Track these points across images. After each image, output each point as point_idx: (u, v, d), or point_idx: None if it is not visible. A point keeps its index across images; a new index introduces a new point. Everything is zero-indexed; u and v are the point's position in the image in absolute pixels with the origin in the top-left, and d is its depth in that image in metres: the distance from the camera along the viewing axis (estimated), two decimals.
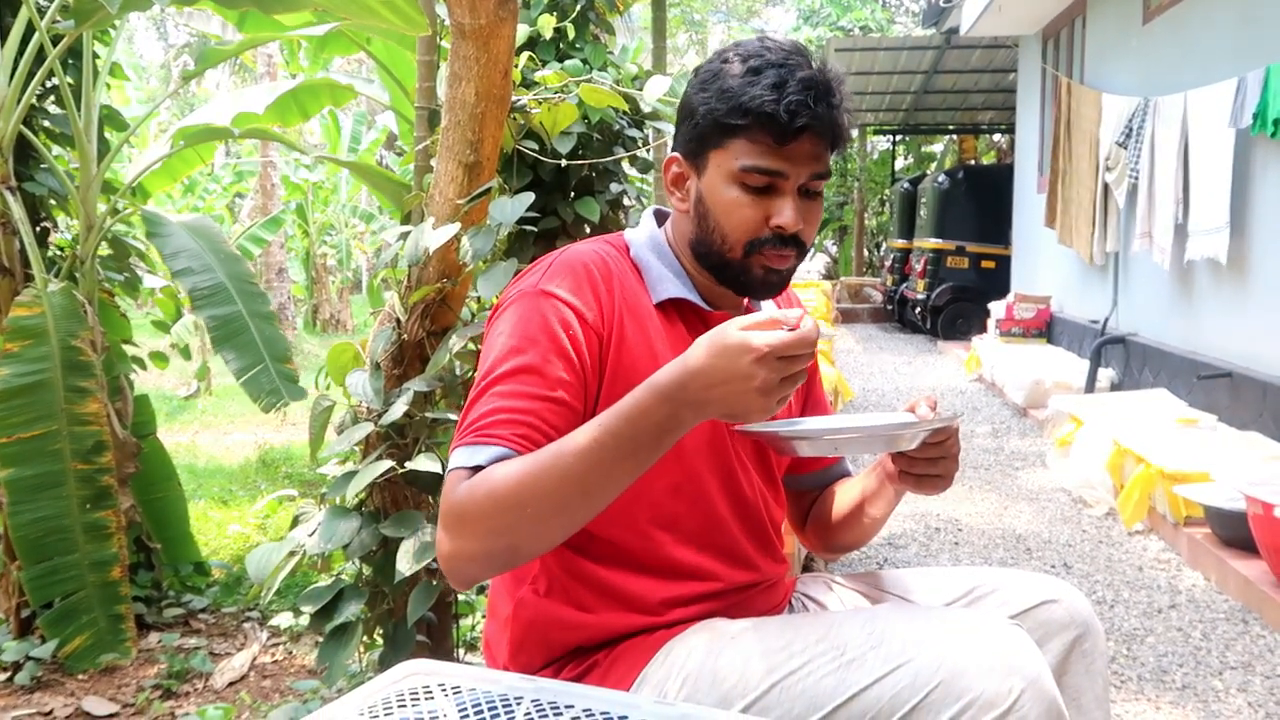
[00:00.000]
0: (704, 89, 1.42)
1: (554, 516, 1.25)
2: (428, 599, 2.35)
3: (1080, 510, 5.19)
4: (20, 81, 3.39)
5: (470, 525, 1.26)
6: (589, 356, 1.37)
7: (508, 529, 1.25)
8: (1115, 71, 8.01)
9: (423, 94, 2.89)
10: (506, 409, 1.31)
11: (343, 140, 13.12)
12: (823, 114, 1.37)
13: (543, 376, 1.34)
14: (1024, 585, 1.54)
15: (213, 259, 3.78)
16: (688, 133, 1.45)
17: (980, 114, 15.94)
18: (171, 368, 5.09)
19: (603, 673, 1.42)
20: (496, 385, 1.34)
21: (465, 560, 1.28)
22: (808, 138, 1.38)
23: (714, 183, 1.42)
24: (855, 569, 4.26)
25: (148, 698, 3.08)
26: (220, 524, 4.92)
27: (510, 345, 1.36)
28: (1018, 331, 9.50)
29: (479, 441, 1.30)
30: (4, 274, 3.44)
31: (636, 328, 1.42)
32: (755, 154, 1.38)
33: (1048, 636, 1.48)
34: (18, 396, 3.16)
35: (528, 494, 1.23)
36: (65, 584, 3.22)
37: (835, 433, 1.38)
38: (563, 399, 1.34)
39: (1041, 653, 1.31)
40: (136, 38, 29.08)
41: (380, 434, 2.44)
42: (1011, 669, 1.24)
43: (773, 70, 1.37)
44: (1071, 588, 1.56)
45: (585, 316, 1.38)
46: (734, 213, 1.41)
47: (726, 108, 1.38)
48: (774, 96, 1.35)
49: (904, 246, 13.72)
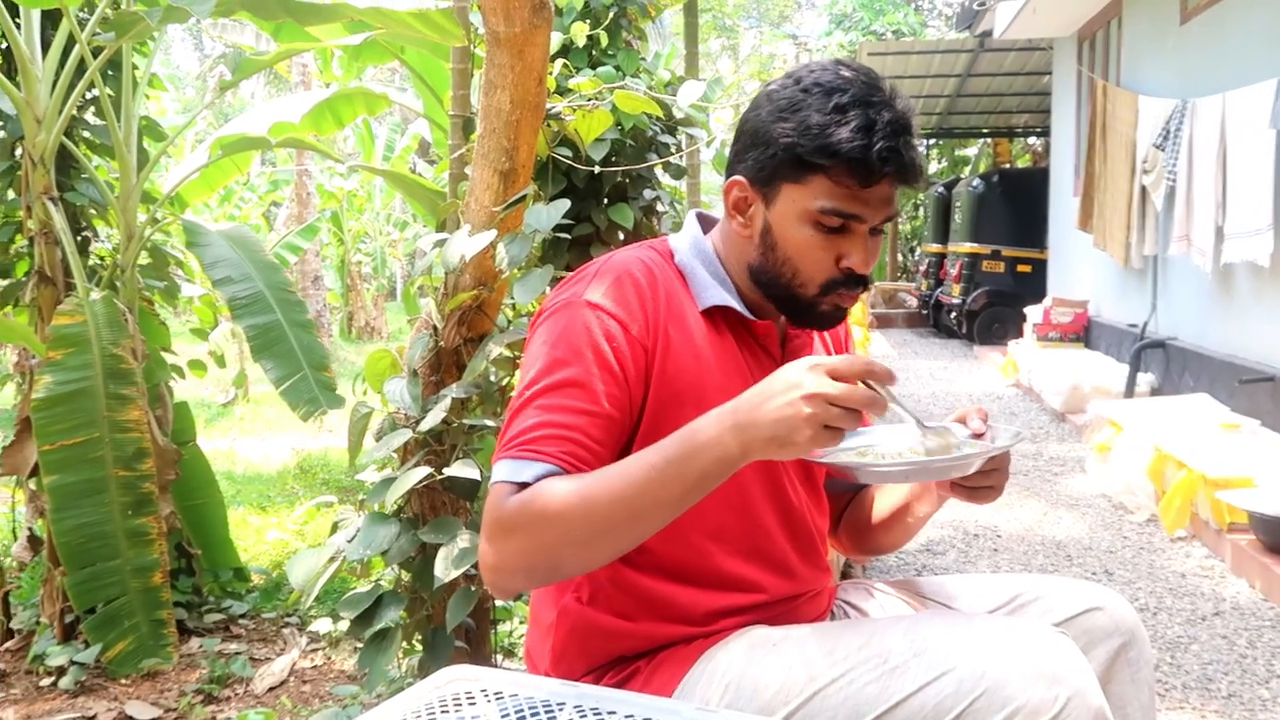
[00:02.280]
0: (782, 118, 1.37)
1: (600, 540, 1.26)
2: (466, 605, 2.35)
3: (1121, 516, 5.14)
4: (62, 93, 3.43)
5: (516, 541, 1.27)
6: (633, 368, 1.37)
7: (553, 548, 1.26)
8: (1152, 73, 7.93)
9: (457, 102, 2.90)
10: (552, 424, 1.31)
11: (377, 148, 13.21)
12: (907, 160, 1.35)
13: (587, 390, 1.33)
14: (1068, 592, 1.53)
15: (252, 268, 3.81)
16: (760, 160, 1.40)
17: (1015, 117, 15.82)
18: (209, 375, 5.13)
19: (644, 680, 1.42)
20: (540, 398, 1.34)
21: (508, 573, 1.29)
22: (887, 181, 1.36)
23: (786, 217, 1.39)
24: (894, 576, 4.23)
25: (190, 702, 3.10)
26: (259, 530, 4.95)
27: (554, 357, 1.35)
28: (1055, 336, 9.41)
29: (524, 456, 1.30)
30: (47, 283, 3.49)
31: (681, 335, 1.42)
32: (836, 196, 1.35)
33: (1092, 644, 1.46)
34: (61, 404, 3.20)
35: (576, 516, 1.24)
36: (108, 589, 3.25)
37: (898, 466, 1.34)
38: (607, 413, 1.34)
39: (1086, 661, 1.30)
40: (173, 49, 29.43)
41: (418, 440, 2.45)
42: (1056, 677, 1.23)
43: (859, 110, 1.33)
44: (1116, 595, 1.54)
45: (629, 328, 1.37)
46: (808, 254, 1.39)
47: (811, 145, 1.34)
48: (863, 141, 1.32)
49: (938, 251, 13.64)
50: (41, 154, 3.42)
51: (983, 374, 10.25)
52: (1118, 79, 8.74)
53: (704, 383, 1.40)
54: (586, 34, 3.41)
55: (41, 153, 3.42)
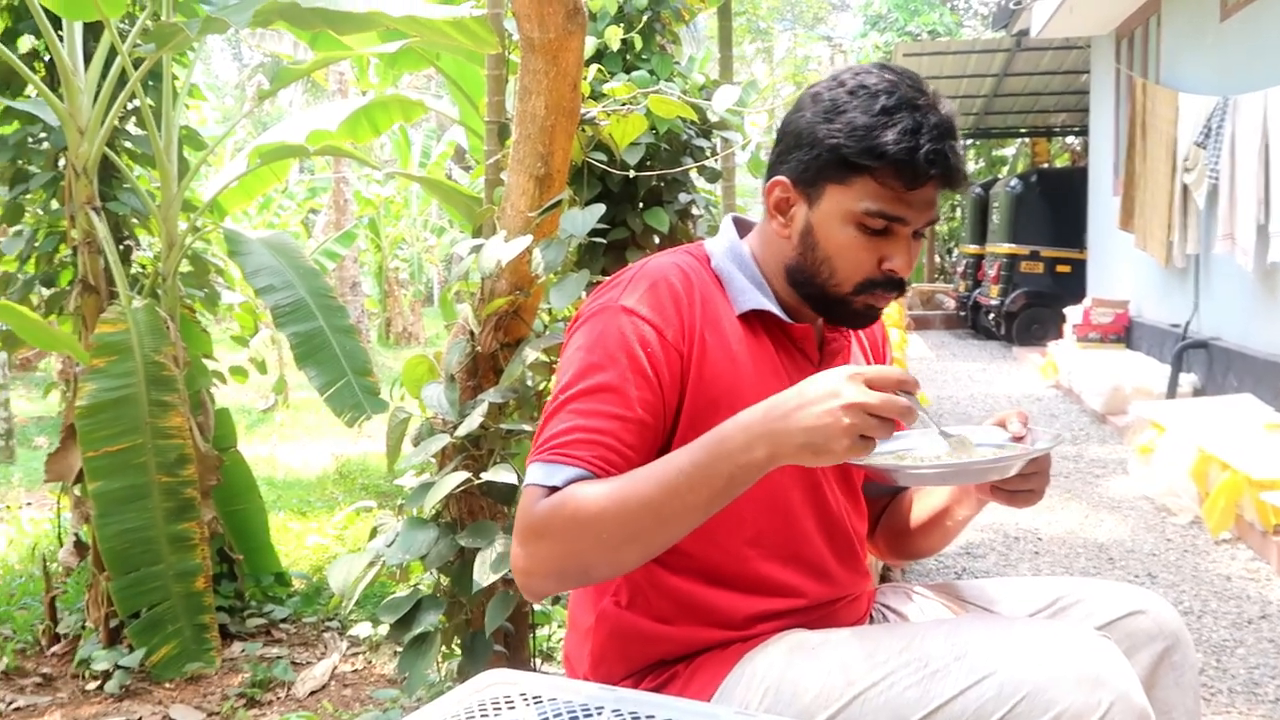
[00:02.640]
0: (828, 120, 1.37)
1: (629, 543, 1.27)
2: (505, 609, 2.36)
3: (1164, 519, 5.08)
4: (104, 104, 3.48)
5: (547, 545, 1.28)
6: (668, 373, 1.37)
7: (583, 552, 1.27)
8: (1192, 70, 7.84)
9: (492, 108, 2.92)
10: (584, 428, 1.32)
11: (413, 155, 13.28)
12: (952, 163, 1.35)
13: (621, 395, 1.34)
14: (1110, 595, 1.51)
15: (293, 275, 3.84)
16: (804, 161, 1.40)
17: (1052, 116, 15.69)
18: (249, 381, 5.18)
19: (683, 684, 1.41)
20: (574, 402, 1.34)
21: (539, 576, 1.30)
22: (933, 185, 1.36)
23: (829, 218, 1.40)
24: (933, 579, 4.20)
25: (232, 706, 3.13)
26: (299, 535, 4.99)
27: (589, 362, 1.36)
28: (1095, 337, 9.32)
29: (556, 460, 1.31)
30: (90, 292, 3.53)
31: (718, 340, 1.42)
32: (881, 198, 1.36)
33: (1136, 648, 1.45)
34: (104, 411, 3.25)
35: (608, 520, 1.25)
36: (152, 594, 3.29)
37: (937, 468, 1.34)
38: (640, 419, 1.34)
39: (1130, 665, 1.28)
40: (212, 58, 29.77)
41: (456, 445, 2.46)
42: (1100, 681, 1.21)
43: (906, 113, 1.34)
44: (1159, 598, 1.52)
45: (665, 334, 1.38)
46: (848, 254, 1.39)
47: (858, 147, 1.34)
48: (910, 143, 1.32)
49: (976, 252, 13.55)
50: (84, 164, 3.46)
51: (1022, 376, 10.16)
52: (1157, 77, 8.65)
53: (740, 387, 1.40)
54: (621, 38, 3.41)
55: (84, 163, 3.46)
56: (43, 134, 3.80)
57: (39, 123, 3.76)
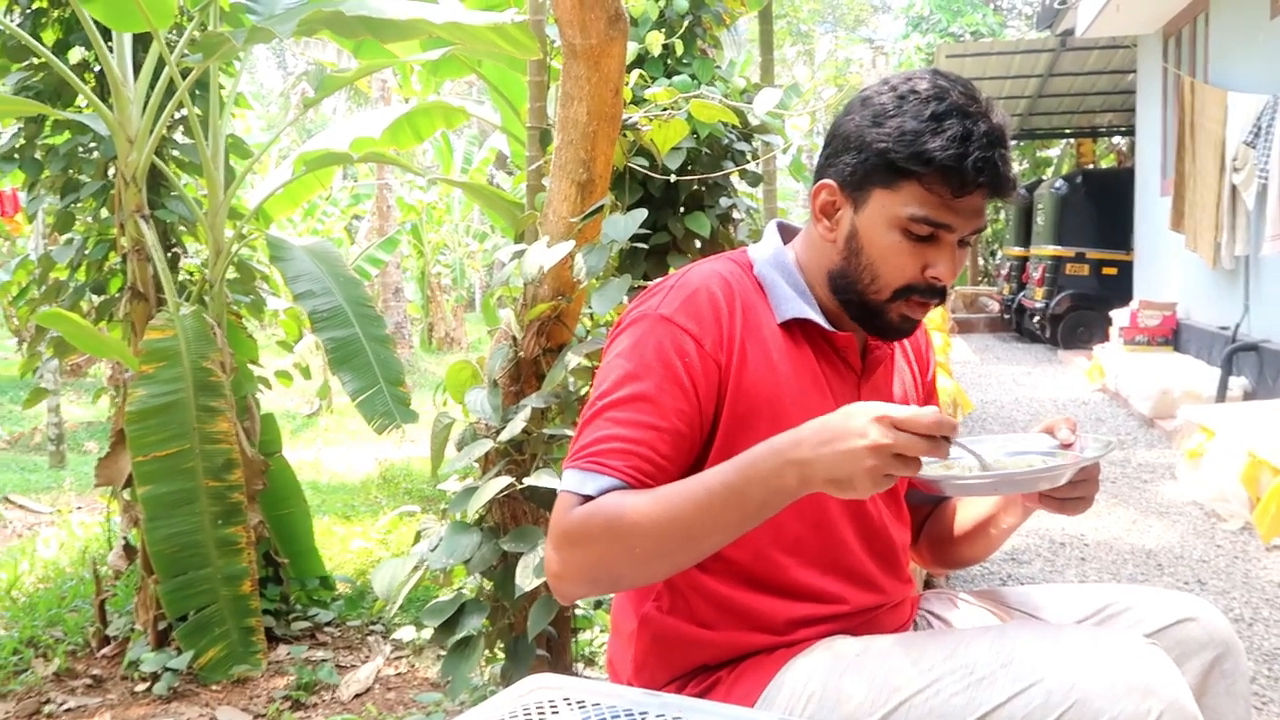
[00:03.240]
0: (877, 124, 1.37)
1: (660, 557, 1.29)
2: (547, 613, 2.37)
3: (1214, 524, 5.00)
4: (152, 114, 3.53)
5: (579, 552, 1.30)
6: (705, 384, 1.37)
7: (614, 562, 1.29)
8: (1241, 69, 7.73)
9: (534, 114, 2.93)
10: (620, 437, 1.33)
11: (455, 161, 13.36)
12: (1001, 172, 1.34)
13: (657, 405, 1.34)
14: (1159, 603, 1.49)
15: (332, 282, 3.88)
16: (852, 165, 1.40)
17: (1098, 117, 15.51)
18: (294, 386, 5.23)
19: (726, 690, 1.41)
20: (611, 410, 1.35)
21: (570, 581, 1.32)
22: (980, 193, 1.35)
23: (874, 222, 1.39)
24: (978, 585, 4.17)
25: (278, 708, 3.16)
26: (343, 539, 5.03)
27: (627, 370, 1.37)
28: (1142, 340, 9.20)
29: (591, 468, 1.32)
30: (139, 299, 3.58)
31: (758, 348, 1.42)
32: (928, 205, 1.35)
33: (1185, 656, 1.43)
34: (153, 416, 3.29)
35: (640, 534, 1.26)
36: (199, 597, 3.33)
37: (987, 478, 1.32)
38: (676, 429, 1.35)
39: (1180, 673, 1.27)
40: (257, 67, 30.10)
41: (499, 450, 2.47)
42: (1149, 689, 1.20)
43: (956, 119, 1.33)
44: (1209, 605, 1.50)
45: (703, 344, 1.38)
46: (892, 259, 1.38)
47: (907, 152, 1.33)
48: (960, 150, 1.31)
49: (1021, 254, 13.43)
50: (134, 173, 3.51)
51: (1067, 379, 10.06)
52: (1205, 75, 8.53)
53: (781, 396, 1.40)
54: (662, 43, 3.41)
55: (134, 172, 3.51)
56: (93, 144, 3.86)
57: (89, 132, 3.82)
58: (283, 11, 3.46)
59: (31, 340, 4.33)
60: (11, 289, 8.94)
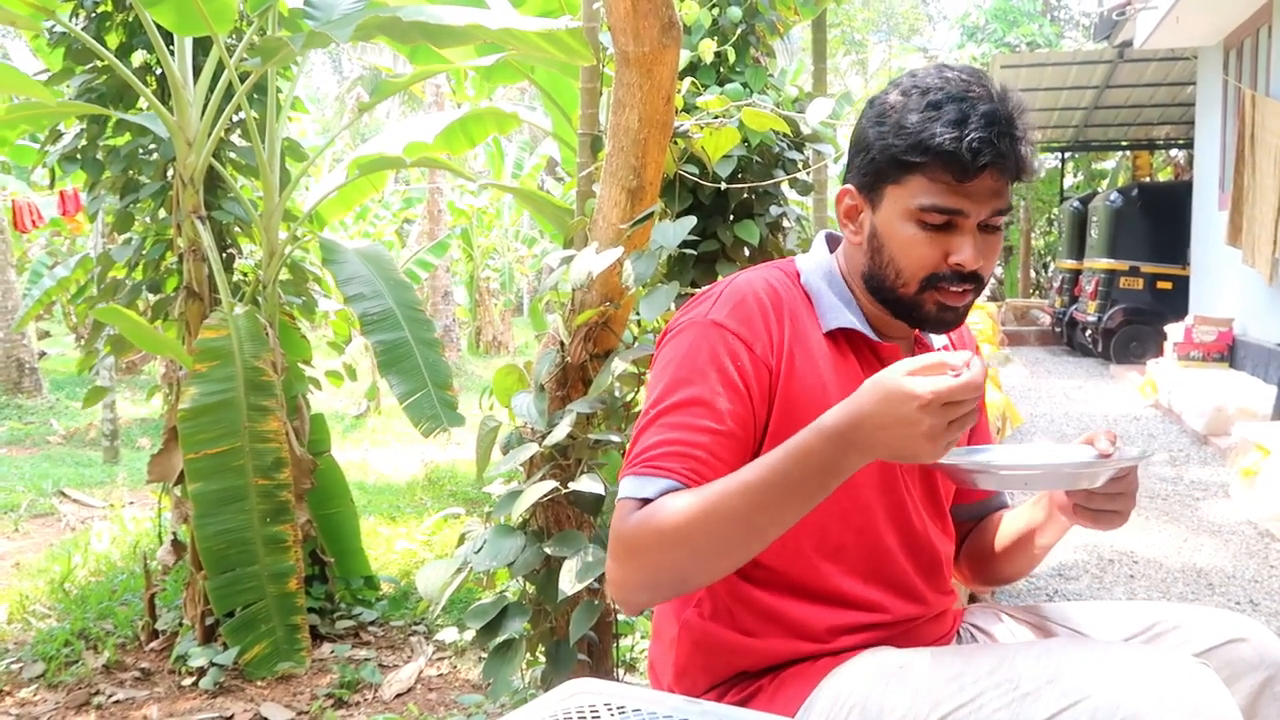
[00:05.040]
0: (880, 123, 1.39)
1: (721, 553, 1.28)
2: (589, 618, 2.37)
3: (1268, 544, 4.91)
4: (211, 117, 3.59)
5: (640, 558, 1.30)
6: (757, 388, 1.38)
7: (676, 564, 1.28)
8: None
9: (585, 120, 2.94)
10: (675, 440, 1.33)
11: (506, 166, 13.45)
12: (1005, 150, 1.33)
13: (711, 409, 1.35)
14: (1209, 622, 1.47)
15: (383, 285, 3.91)
16: (863, 167, 1.42)
17: (1155, 129, 15.30)
18: (343, 387, 5.27)
19: (767, 698, 1.41)
20: (665, 416, 1.36)
21: (634, 589, 1.32)
22: (989, 174, 1.34)
23: (890, 218, 1.40)
24: (1024, 601, 4.12)
25: (321, 706, 3.19)
26: (389, 540, 5.07)
27: (679, 376, 1.37)
28: (1197, 355, 9.06)
29: (648, 473, 1.32)
30: (194, 298, 3.64)
31: (805, 357, 1.42)
32: (935, 193, 1.35)
33: (1235, 677, 1.40)
34: (205, 414, 3.34)
35: (698, 531, 1.26)
36: (246, 594, 3.37)
37: (1023, 469, 1.33)
38: (731, 431, 1.35)
39: (1230, 694, 1.25)
40: (313, 71, 30.46)
41: (544, 454, 2.48)
42: (1197, 710, 1.18)
43: (953, 105, 1.34)
44: (1261, 626, 1.47)
45: (754, 348, 1.38)
46: (911, 250, 1.39)
47: (905, 145, 1.35)
48: (955, 134, 1.32)
49: (1074, 267, 13.27)
50: (191, 174, 3.57)
51: (1119, 394, 9.92)
52: (1267, 89, 8.39)
53: (827, 405, 1.39)
54: (714, 51, 3.42)
55: (191, 173, 3.57)
56: (152, 145, 3.93)
57: (149, 134, 3.89)
58: (340, 17, 3.50)
59: (89, 337, 4.42)
60: (71, 286, 9.14)
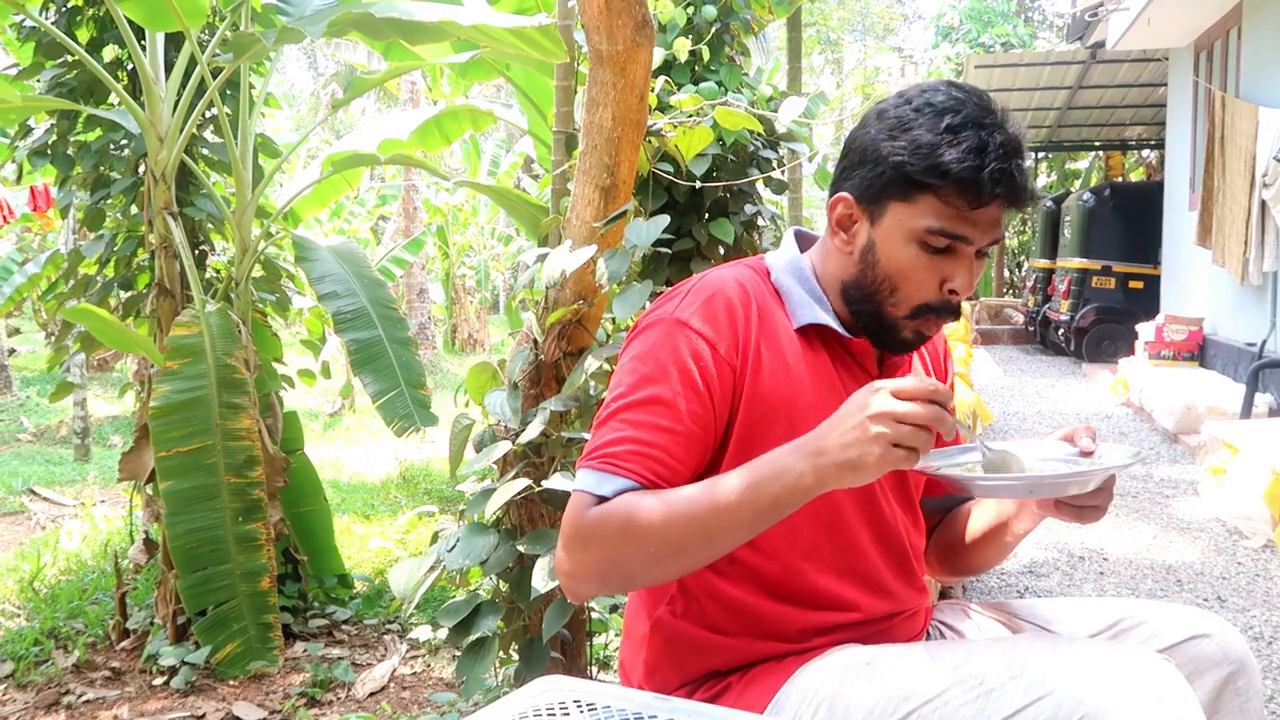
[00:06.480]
0: (893, 137, 1.37)
1: (674, 557, 1.30)
2: (562, 616, 2.38)
3: (1236, 541, 4.96)
4: (183, 112, 3.57)
5: (593, 551, 1.32)
6: (719, 387, 1.38)
7: (627, 561, 1.31)
8: (1273, 83, 7.67)
9: (560, 118, 2.94)
10: (634, 439, 1.34)
11: (482, 164, 13.41)
12: (1019, 183, 1.34)
13: (671, 408, 1.36)
14: (1174, 618, 1.49)
15: (356, 283, 3.90)
16: (868, 178, 1.39)
17: (1127, 129, 15.43)
18: (316, 385, 5.26)
19: (736, 695, 1.42)
20: (626, 412, 1.37)
21: (583, 580, 1.35)
22: (997, 204, 1.35)
23: (891, 236, 1.39)
24: (995, 597, 4.15)
25: (293, 705, 3.18)
26: (362, 538, 5.06)
27: (642, 373, 1.38)
28: (1168, 354, 9.14)
29: (607, 469, 1.33)
30: (166, 295, 3.62)
31: (774, 354, 1.42)
32: (945, 217, 1.35)
33: (1198, 673, 1.42)
34: (177, 412, 3.32)
35: (655, 534, 1.28)
36: (218, 593, 3.36)
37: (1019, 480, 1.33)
38: (689, 431, 1.36)
39: (1192, 689, 1.26)
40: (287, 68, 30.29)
41: (518, 452, 2.48)
42: (1160, 705, 1.19)
43: (972, 130, 1.33)
44: (1225, 622, 1.49)
45: (718, 348, 1.39)
46: (911, 274, 1.39)
47: (922, 165, 1.33)
48: (976, 162, 1.31)
49: (1047, 266, 13.36)
50: (163, 170, 3.55)
51: (1091, 393, 10.00)
52: (1237, 90, 8.47)
53: (797, 401, 1.41)
54: (689, 49, 3.42)
55: (163, 169, 3.55)
56: (124, 141, 3.91)
57: (120, 130, 3.86)
58: (313, 13, 3.49)
59: (59, 334, 4.39)
60: (41, 283, 9.06)
